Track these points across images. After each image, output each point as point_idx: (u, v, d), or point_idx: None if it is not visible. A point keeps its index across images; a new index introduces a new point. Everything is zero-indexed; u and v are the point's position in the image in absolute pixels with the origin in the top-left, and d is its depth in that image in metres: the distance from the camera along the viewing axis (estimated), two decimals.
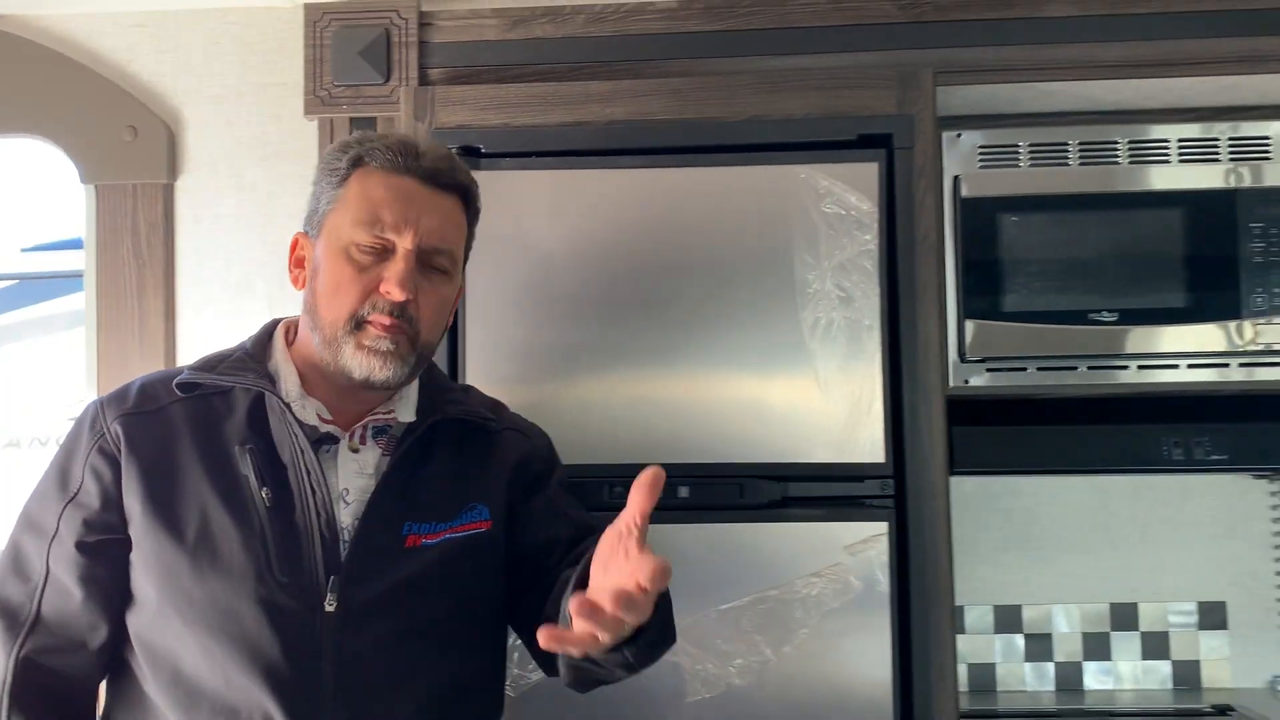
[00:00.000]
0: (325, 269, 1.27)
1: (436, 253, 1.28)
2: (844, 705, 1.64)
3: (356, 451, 1.29)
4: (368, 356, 1.24)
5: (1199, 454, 1.97)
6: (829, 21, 1.84)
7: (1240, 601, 2.37)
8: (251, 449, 1.24)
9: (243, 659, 1.19)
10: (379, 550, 1.25)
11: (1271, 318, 1.93)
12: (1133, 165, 1.97)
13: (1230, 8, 1.81)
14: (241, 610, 1.20)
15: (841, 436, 1.69)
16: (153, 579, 1.23)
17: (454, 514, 1.30)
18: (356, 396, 1.30)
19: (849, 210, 1.70)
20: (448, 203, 1.30)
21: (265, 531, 1.22)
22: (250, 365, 1.29)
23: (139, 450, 1.25)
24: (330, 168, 1.30)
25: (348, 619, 1.22)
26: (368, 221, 1.25)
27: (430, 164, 1.28)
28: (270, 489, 1.23)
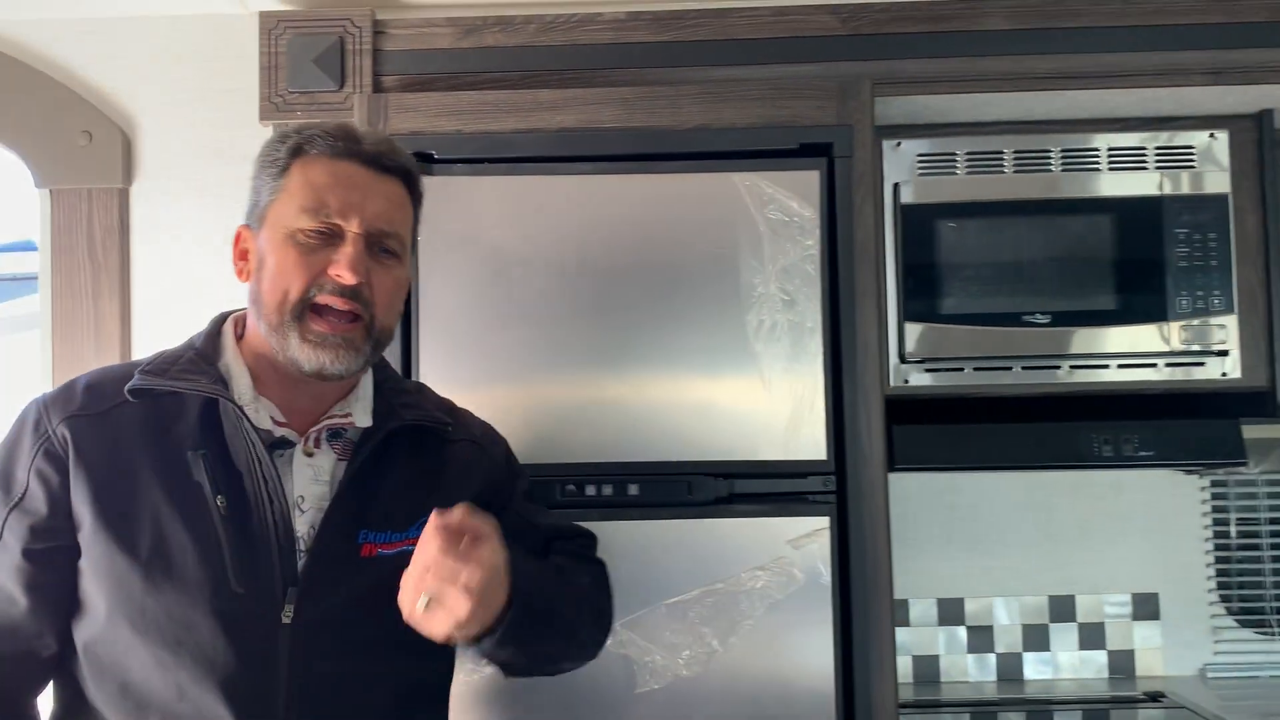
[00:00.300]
0: (270, 256, 1.23)
1: (385, 236, 1.25)
2: (788, 694, 1.69)
3: (311, 456, 1.26)
4: (314, 350, 1.21)
5: (1127, 450, 2.03)
6: (771, 34, 1.87)
7: (1172, 593, 2.45)
8: (205, 454, 1.20)
9: (197, 671, 1.16)
10: (336, 560, 1.22)
11: (1196, 320, 2.00)
12: (1065, 173, 2.03)
13: (1154, 23, 1.87)
14: (197, 621, 1.16)
15: (785, 435, 1.73)
16: (103, 588, 1.18)
17: (409, 524, 1.26)
18: (310, 393, 1.27)
19: (792, 217, 1.75)
20: (392, 186, 1.27)
21: (222, 541, 1.18)
22: (203, 367, 1.24)
23: (88, 455, 1.19)
24: (270, 159, 1.26)
25: (305, 630, 1.19)
26: (313, 208, 1.21)
27: (371, 148, 1.26)
28: (226, 496, 1.19)
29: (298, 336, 1.21)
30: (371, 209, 1.23)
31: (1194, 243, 2.00)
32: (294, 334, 1.21)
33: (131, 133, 2.06)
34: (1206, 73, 1.90)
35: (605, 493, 1.72)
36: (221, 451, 1.21)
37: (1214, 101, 1.98)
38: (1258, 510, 2.48)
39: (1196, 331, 2.00)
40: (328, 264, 1.21)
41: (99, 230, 2.03)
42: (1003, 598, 2.45)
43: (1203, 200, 2.01)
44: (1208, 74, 1.90)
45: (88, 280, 2.03)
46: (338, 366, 1.22)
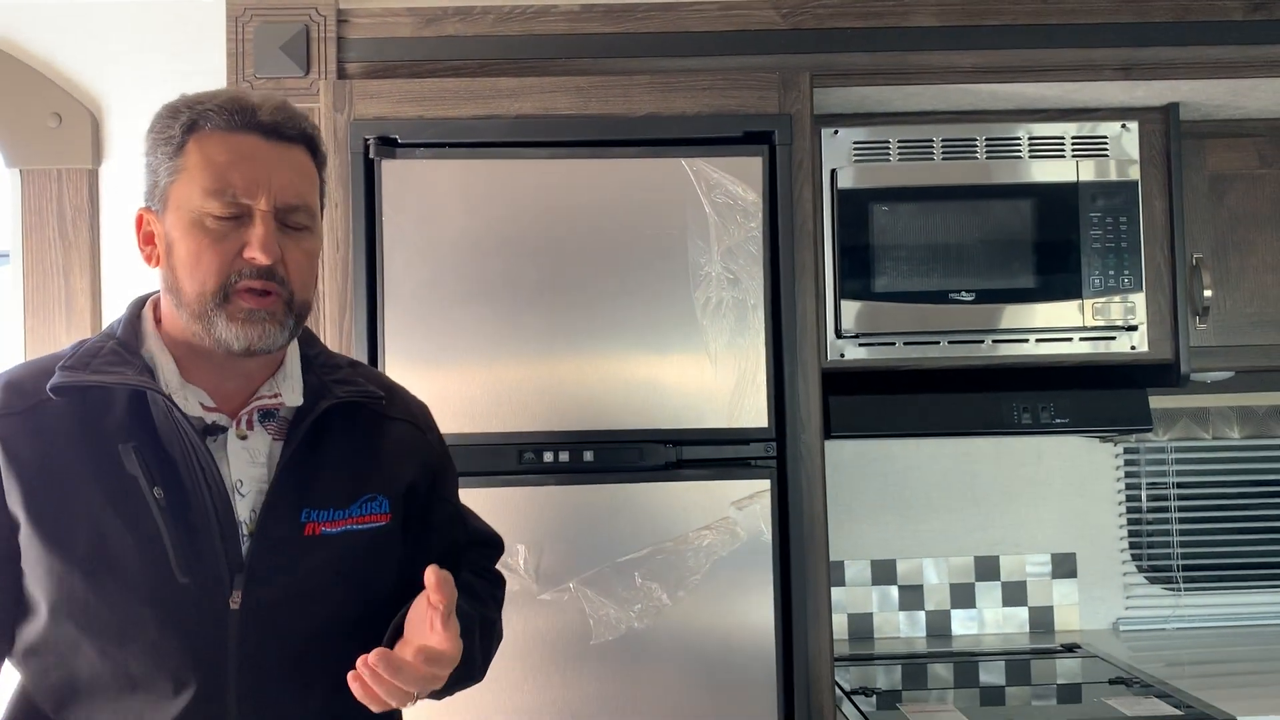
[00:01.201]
0: (180, 244, 1.17)
1: (293, 210, 1.19)
2: (732, 645, 1.80)
3: (245, 438, 1.22)
4: (243, 327, 1.16)
5: (1045, 418, 2.17)
6: (717, 27, 1.96)
7: (1088, 553, 2.61)
8: (137, 446, 1.15)
9: (148, 666, 1.14)
10: (281, 542, 1.19)
11: (1109, 297, 2.14)
12: (989, 160, 2.16)
13: (1070, 22, 1.99)
14: (142, 615, 1.13)
15: (729, 404, 1.84)
16: (44, 589, 1.14)
17: (351, 501, 1.24)
18: (237, 373, 1.23)
19: (736, 200, 1.85)
20: (295, 155, 1.21)
21: (162, 531, 1.14)
22: (125, 357, 1.19)
23: (17, 455, 1.15)
24: (163, 136, 1.19)
25: (253, 614, 1.17)
26: (217, 190, 1.15)
27: (269, 117, 1.19)
28: (162, 486, 1.15)
29: (224, 318, 1.16)
30: (278, 182, 1.17)
31: (1106, 226, 2.14)
32: (219, 317, 1.16)
33: (100, 115, 2.10)
34: (1118, 68, 2.03)
35: (562, 459, 1.81)
36: (153, 442, 1.16)
37: (1125, 95, 2.12)
38: (1166, 475, 2.64)
39: (1108, 308, 2.14)
40: (241, 247, 1.16)
41: (69, 209, 2.07)
42: (932, 559, 2.59)
43: (1115, 186, 2.15)
44: (1119, 69, 2.03)
45: (58, 257, 2.07)
46: (265, 341, 1.18)
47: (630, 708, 1.79)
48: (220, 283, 1.16)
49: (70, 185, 2.08)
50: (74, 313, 2.07)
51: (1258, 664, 2.31)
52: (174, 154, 1.18)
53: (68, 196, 2.08)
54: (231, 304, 1.16)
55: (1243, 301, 2.24)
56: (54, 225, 2.08)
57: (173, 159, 1.18)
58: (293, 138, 1.21)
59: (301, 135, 1.22)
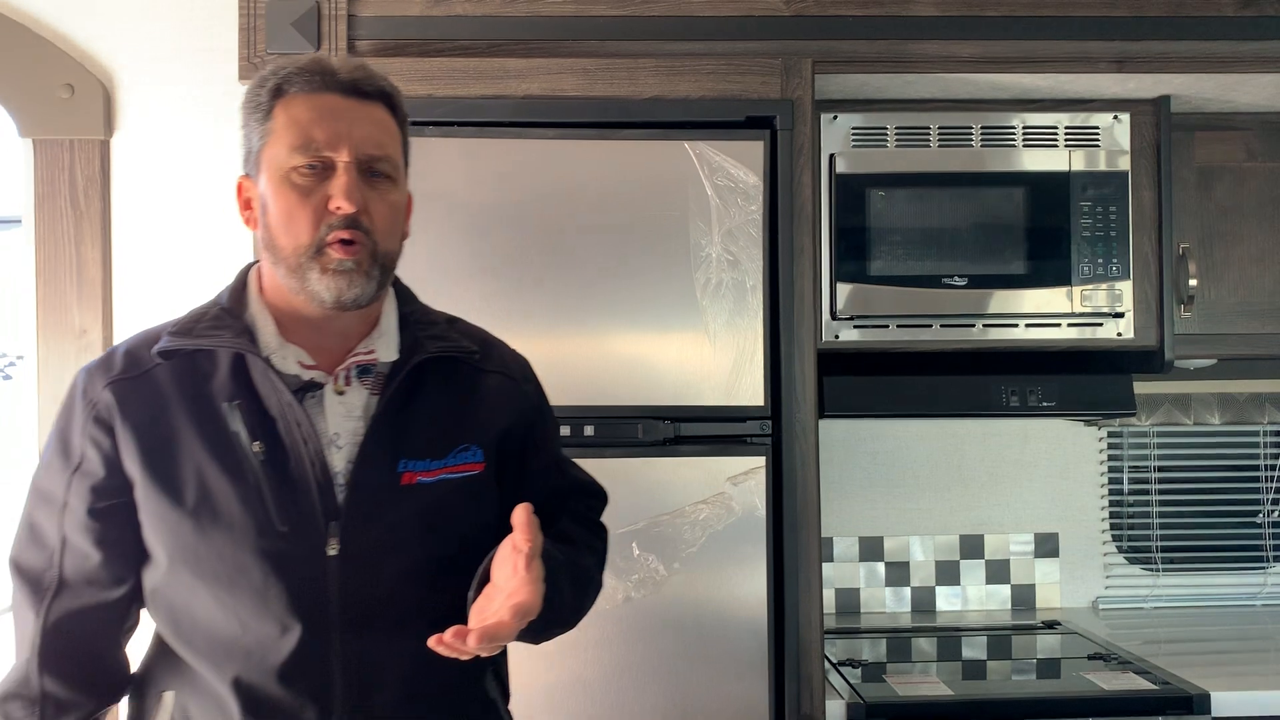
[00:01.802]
0: (273, 201, 1.23)
1: (375, 160, 1.25)
2: (726, 615, 1.86)
3: (343, 394, 1.28)
4: (333, 278, 1.22)
5: (1032, 401, 2.23)
6: (722, 12, 1.98)
7: (1070, 533, 2.67)
8: (239, 404, 1.23)
9: (255, 607, 1.21)
10: (376, 490, 1.25)
11: (1097, 284, 2.20)
12: (984, 148, 2.20)
13: (1067, 14, 2.03)
14: (247, 562, 1.21)
15: (727, 383, 1.89)
16: (160, 539, 1.24)
17: (446, 451, 1.30)
18: (334, 331, 1.28)
19: (737, 183, 1.90)
20: (375, 111, 1.26)
21: (261, 485, 1.21)
22: (227, 321, 1.26)
23: (131, 416, 1.24)
24: (253, 104, 1.26)
25: (350, 561, 1.23)
26: (302, 145, 1.21)
27: (347, 76, 1.25)
28: (262, 442, 1.22)
29: (317, 270, 1.22)
30: (358, 135, 1.23)
31: (1096, 215, 2.19)
32: (314, 269, 1.22)
33: (112, 87, 2.13)
34: (1112, 61, 2.08)
35: (564, 434, 1.84)
36: (254, 400, 1.24)
37: (1118, 87, 2.16)
38: (1147, 459, 2.71)
39: (1096, 295, 2.19)
40: (327, 199, 1.22)
41: (81, 179, 2.10)
42: (918, 536, 2.65)
43: (1105, 176, 2.20)
44: (1113, 62, 2.08)
45: (70, 226, 2.10)
46: (353, 292, 1.23)
47: (626, 674, 1.84)
48: (314, 236, 1.22)
49: (82, 155, 2.10)
50: (85, 282, 2.10)
51: (1231, 642, 2.38)
52: (263, 119, 1.25)
53: (80, 166, 2.10)
54: (324, 256, 1.22)
55: (1227, 291, 2.29)
56: (66, 195, 2.10)
57: (262, 124, 1.25)
58: (371, 95, 1.27)
59: (380, 93, 1.28)
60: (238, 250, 2.15)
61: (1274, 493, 2.72)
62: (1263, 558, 2.71)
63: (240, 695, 1.22)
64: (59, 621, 1.26)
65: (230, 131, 2.13)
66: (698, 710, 1.85)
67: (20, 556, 1.28)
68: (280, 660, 1.22)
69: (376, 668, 1.26)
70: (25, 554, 1.28)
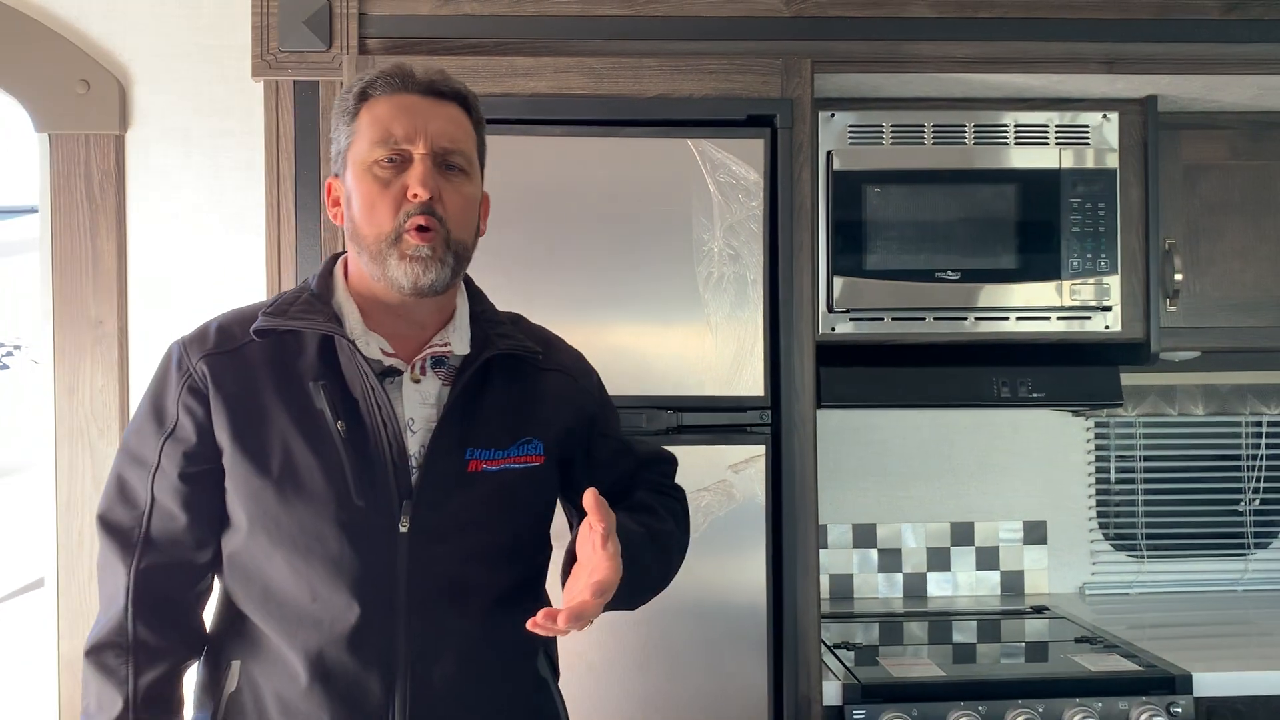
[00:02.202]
0: (356, 193, 1.33)
1: (449, 153, 1.33)
2: (727, 598, 1.92)
3: (418, 382, 1.37)
4: (410, 264, 1.30)
5: (1022, 392, 2.29)
6: (723, 13, 2.04)
7: (1058, 521, 2.74)
8: (325, 384, 1.31)
9: (327, 575, 1.29)
10: (446, 475, 1.33)
11: (1085, 279, 2.26)
12: (977, 146, 2.26)
13: (1058, 16, 2.09)
14: (325, 532, 1.29)
15: (728, 373, 1.94)
16: (243, 505, 1.32)
17: (510, 443, 1.38)
18: (413, 320, 1.37)
19: (738, 180, 1.95)
20: (450, 109, 1.36)
21: (343, 460, 1.30)
22: (318, 307, 1.35)
23: (224, 388, 1.32)
24: (342, 109, 1.37)
25: (420, 538, 1.31)
26: (382, 140, 1.31)
27: (425, 78, 1.35)
28: (345, 421, 1.31)
29: (396, 256, 1.30)
30: (434, 129, 1.32)
31: (1085, 211, 2.25)
32: (393, 255, 1.31)
33: (127, 84, 2.17)
34: (1102, 61, 2.14)
35: None
36: (339, 381, 1.33)
37: (1107, 87, 2.22)
38: (1133, 449, 2.77)
39: (1084, 289, 2.26)
40: (405, 188, 1.31)
41: (96, 173, 2.14)
42: (910, 524, 2.71)
43: (1095, 174, 2.26)
44: (1103, 63, 2.14)
45: (85, 219, 2.14)
46: (428, 278, 1.31)
47: (630, 656, 1.90)
48: (394, 223, 1.31)
49: (98, 149, 2.15)
50: (100, 272, 2.15)
51: (1213, 626, 2.45)
52: (350, 121, 1.35)
53: (95, 160, 2.15)
54: (402, 242, 1.31)
55: (1211, 286, 2.36)
56: (81, 188, 2.14)
57: (349, 125, 1.35)
58: (447, 95, 1.37)
59: (455, 94, 1.38)
60: (248, 243, 2.21)
61: (1256, 482, 2.79)
62: (1244, 545, 2.78)
63: (308, 661, 1.30)
64: (148, 574, 1.34)
65: (241, 125, 2.18)
66: (700, 691, 1.91)
67: (110, 513, 1.36)
68: (348, 629, 1.30)
69: (437, 641, 1.33)
70: (115, 511, 1.36)
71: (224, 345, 1.36)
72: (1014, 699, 2.02)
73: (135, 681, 1.33)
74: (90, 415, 2.16)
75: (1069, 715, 2.00)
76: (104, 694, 1.33)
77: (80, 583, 2.16)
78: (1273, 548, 2.80)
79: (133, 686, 1.33)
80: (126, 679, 1.33)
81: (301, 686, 1.30)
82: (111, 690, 1.33)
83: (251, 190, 2.19)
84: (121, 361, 2.17)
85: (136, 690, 1.33)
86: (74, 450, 2.17)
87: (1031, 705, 2.01)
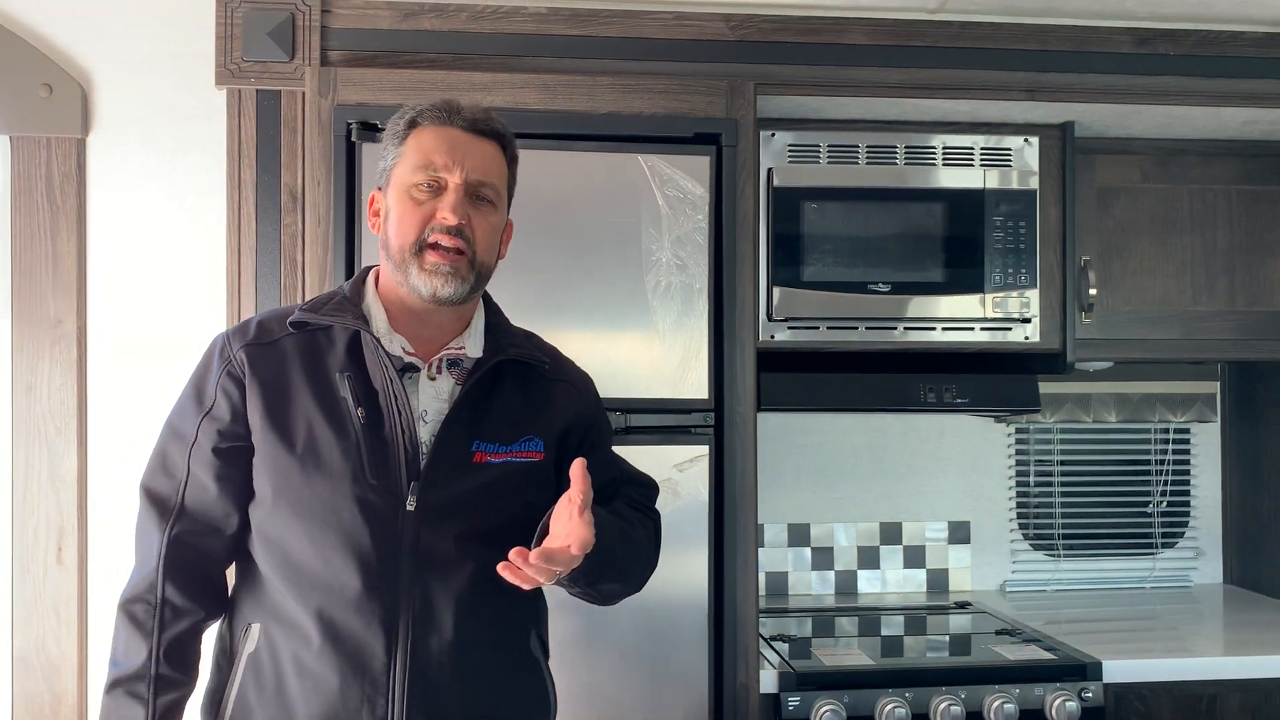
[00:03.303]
0: (394, 209, 1.48)
1: (481, 185, 1.48)
2: (671, 591, 2.00)
3: (434, 380, 1.50)
4: (430, 277, 1.45)
5: (948, 398, 2.41)
6: (673, 35, 2.14)
7: (981, 521, 2.87)
8: (350, 376, 1.46)
9: (340, 545, 1.42)
10: (451, 462, 1.46)
11: (1007, 292, 2.39)
12: (908, 166, 2.38)
13: (983, 46, 2.23)
14: (340, 506, 1.43)
15: (674, 377, 2.04)
16: (269, 479, 1.46)
17: (513, 440, 1.51)
18: (433, 324, 1.51)
19: (686, 194, 2.04)
20: (488, 147, 1.50)
21: (360, 443, 1.44)
22: (348, 307, 1.50)
23: (259, 375, 1.47)
24: (393, 132, 1.51)
25: (424, 516, 1.44)
26: (423, 165, 1.46)
27: (469, 116, 1.50)
28: (364, 409, 1.45)
29: (417, 267, 1.46)
30: (470, 164, 1.47)
31: (1008, 229, 2.39)
32: (414, 266, 1.46)
33: (89, 89, 2.19)
34: (1023, 89, 2.28)
35: None
36: (362, 374, 1.47)
37: (1028, 113, 2.36)
38: (1051, 453, 2.92)
39: (1006, 302, 2.39)
40: (435, 211, 1.46)
41: (57, 175, 2.16)
42: (842, 524, 2.83)
43: (1016, 194, 2.40)
44: (1024, 91, 2.28)
45: (46, 220, 2.16)
46: (447, 290, 1.46)
47: (577, 648, 1.98)
48: (417, 237, 1.46)
49: (59, 153, 2.17)
50: (60, 272, 2.17)
51: (1123, 620, 2.60)
52: (398, 144, 1.50)
53: (56, 163, 2.17)
54: (423, 257, 1.46)
55: (1122, 300, 2.52)
56: (42, 190, 2.16)
57: (397, 147, 1.50)
58: (487, 133, 1.51)
59: (494, 133, 1.53)
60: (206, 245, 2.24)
61: (1163, 485, 2.96)
62: (1153, 544, 2.95)
63: (320, 623, 1.42)
64: (179, 539, 1.48)
65: (202, 131, 2.22)
66: (645, 678, 2.00)
67: (152, 483, 1.50)
68: (355, 594, 1.42)
69: (434, 611, 1.45)
70: (156, 481, 1.50)
71: (262, 338, 1.50)
72: (939, 686, 2.14)
73: (160, 635, 1.46)
74: (48, 413, 2.19)
75: (990, 701, 2.12)
76: (131, 643, 1.46)
77: (34, 581, 2.19)
78: (1178, 547, 2.97)
79: (157, 639, 1.46)
80: (152, 631, 1.46)
81: (314, 648, 1.42)
82: (139, 641, 1.46)
83: (212, 196, 2.23)
84: (80, 360, 2.20)
85: (160, 643, 1.46)
86: (30, 448, 2.19)
87: (955, 692, 2.13)
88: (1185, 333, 2.53)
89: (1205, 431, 2.99)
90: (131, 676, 1.45)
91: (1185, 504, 2.98)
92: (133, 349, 2.23)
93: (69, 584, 2.19)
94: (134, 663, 1.45)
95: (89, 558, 2.22)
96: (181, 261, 2.24)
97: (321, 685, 1.42)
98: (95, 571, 2.22)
